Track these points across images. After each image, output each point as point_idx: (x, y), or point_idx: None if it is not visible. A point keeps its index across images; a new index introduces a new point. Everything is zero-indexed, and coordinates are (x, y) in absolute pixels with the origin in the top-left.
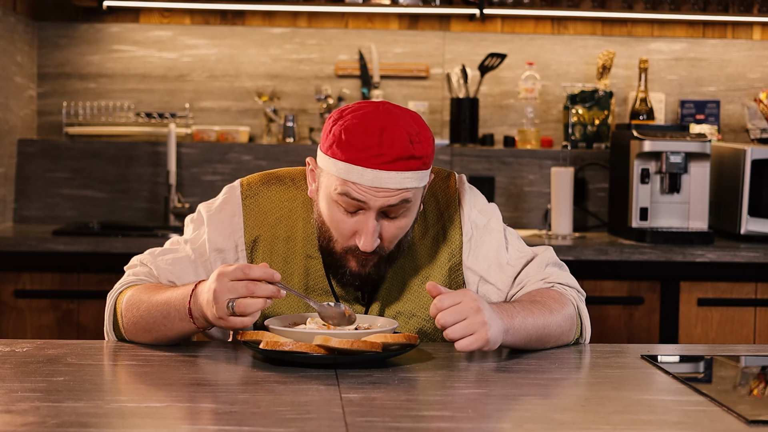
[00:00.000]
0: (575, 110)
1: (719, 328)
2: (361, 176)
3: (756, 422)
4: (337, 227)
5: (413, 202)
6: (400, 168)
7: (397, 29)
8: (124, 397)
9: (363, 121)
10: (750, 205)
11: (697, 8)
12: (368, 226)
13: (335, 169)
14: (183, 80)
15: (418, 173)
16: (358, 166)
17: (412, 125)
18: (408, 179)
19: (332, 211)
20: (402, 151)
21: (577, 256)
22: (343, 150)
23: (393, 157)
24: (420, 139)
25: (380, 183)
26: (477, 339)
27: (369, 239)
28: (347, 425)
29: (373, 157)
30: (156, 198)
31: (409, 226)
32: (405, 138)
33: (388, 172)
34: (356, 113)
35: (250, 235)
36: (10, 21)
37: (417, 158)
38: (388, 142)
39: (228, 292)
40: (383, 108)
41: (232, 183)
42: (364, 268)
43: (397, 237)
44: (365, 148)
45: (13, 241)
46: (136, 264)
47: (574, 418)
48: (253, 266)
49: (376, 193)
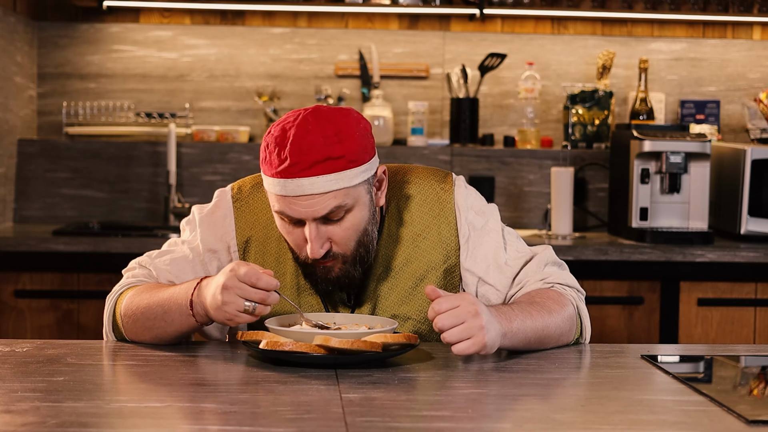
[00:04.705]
0: (575, 110)
1: (719, 328)
2: (284, 188)
3: (756, 422)
4: (289, 239)
5: (353, 203)
6: (319, 172)
7: (397, 29)
8: (124, 397)
9: (280, 134)
10: (750, 205)
11: (697, 8)
12: (309, 235)
13: (267, 185)
14: (183, 80)
15: (345, 173)
16: (281, 179)
17: (329, 128)
18: (332, 181)
19: (281, 225)
20: (317, 154)
21: (577, 256)
22: (267, 166)
23: (309, 162)
24: (340, 138)
25: (304, 191)
26: (474, 343)
27: (313, 247)
28: (347, 425)
29: (290, 166)
30: (156, 198)
31: (361, 224)
32: (319, 141)
33: (308, 179)
34: (277, 126)
35: (241, 236)
36: (10, 21)
37: (336, 158)
38: (303, 148)
39: (240, 291)
40: (302, 118)
41: (223, 188)
42: (330, 273)
43: (349, 238)
44: (282, 159)
45: (13, 241)
46: (135, 267)
47: (574, 418)
48: (260, 274)
49: (305, 203)
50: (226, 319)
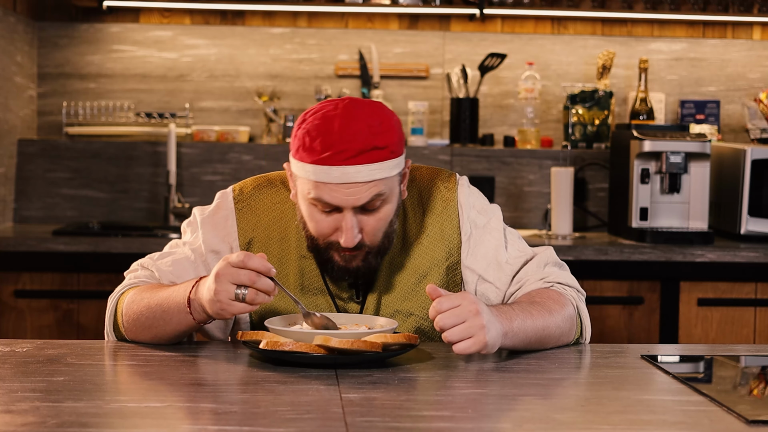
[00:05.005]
0: (575, 110)
1: (719, 328)
2: (328, 175)
3: (756, 422)
4: (317, 226)
5: (389, 193)
6: (365, 161)
7: (397, 29)
8: (124, 397)
9: (323, 121)
10: (750, 205)
11: (697, 8)
12: (347, 224)
13: (304, 172)
14: (183, 80)
15: (386, 163)
16: (324, 165)
17: (372, 117)
18: (376, 170)
19: (311, 213)
20: (364, 143)
21: (577, 256)
22: (308, 152)
23: (356, 150)
24: (382, 129)
25: (348, 179)
26: (475, 342)
27: (349, 236)
28: (347, 425)
29: (336, 154)
30: (156, 198)
31: (391, 215)
32: (365, 130)
33: (354, 167)
34: (317, 114)
35: (244, 238)
36: (10, 21)
37: (381, 148)
38: (348, 137)
39: (230, 276)
40: (342, 105)
41: (224, 189)
42: (350, 263)
43: (380, 229)
44: (327, 147)
45: (13, 241)
46: (137, 268)
47: (574, 418)
48: (252, 256)
49: (347, 191)
50: (220, 309)
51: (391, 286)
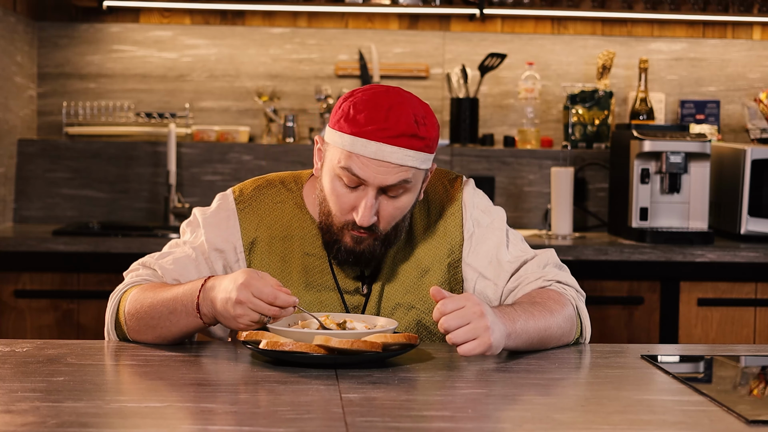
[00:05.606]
0: (575, 110)
1: (719, 328)
2: (364, 148)
3: (756, 422)
4: (338, 200)
5: (413, 184)
6: (403, 144)
7: (397, 29)
8: (124, 397)
9: (372, 98)
10: (750, 205)
11: (697, 8)
12: (367, 200)
13: (341, 141)
14: (183, 80)
15: (421, 154)
16: (362, 138)
17: (419, 109)
18: (410, 157)
19: (334, 185)
20: (407, 128)
21: (577, 256)
22: (350, 123)
23: (397, 132)
24: (426, 122)
25: (383, 156)
26: (480, 344)
27: (366, 213)
28: (347, 425)
29: (378, 130)
30: (156, 198)
31: (408, 208)
32: (411, 117)
33: (391, 147)
34: (367, 92)
35: (247, 238)
36: (10, 21)
37: (420, 138)
38: (394, 118)
39: (255, 307)
40: (393, 90)
41: (224, 191)
42: (358, 245)
43: (395, 218)
44: (371, 121)
45: (13, 241)
46: (138, 267)
47: (574, 418)
48: (280, 294)
49: (377, 168)
50: (237, 327)
51: (394, 279)
